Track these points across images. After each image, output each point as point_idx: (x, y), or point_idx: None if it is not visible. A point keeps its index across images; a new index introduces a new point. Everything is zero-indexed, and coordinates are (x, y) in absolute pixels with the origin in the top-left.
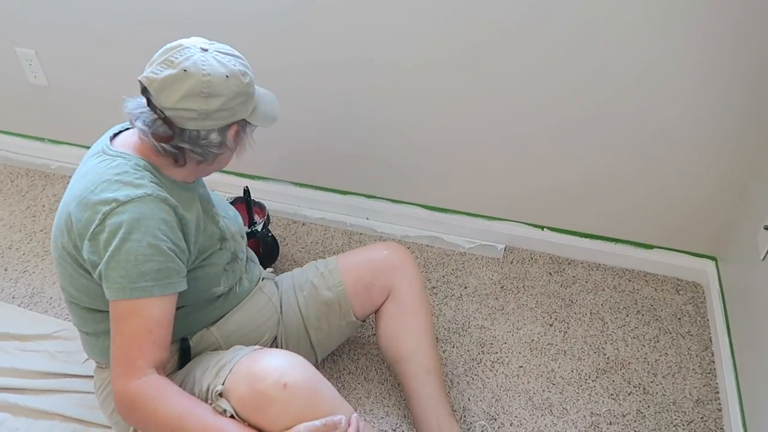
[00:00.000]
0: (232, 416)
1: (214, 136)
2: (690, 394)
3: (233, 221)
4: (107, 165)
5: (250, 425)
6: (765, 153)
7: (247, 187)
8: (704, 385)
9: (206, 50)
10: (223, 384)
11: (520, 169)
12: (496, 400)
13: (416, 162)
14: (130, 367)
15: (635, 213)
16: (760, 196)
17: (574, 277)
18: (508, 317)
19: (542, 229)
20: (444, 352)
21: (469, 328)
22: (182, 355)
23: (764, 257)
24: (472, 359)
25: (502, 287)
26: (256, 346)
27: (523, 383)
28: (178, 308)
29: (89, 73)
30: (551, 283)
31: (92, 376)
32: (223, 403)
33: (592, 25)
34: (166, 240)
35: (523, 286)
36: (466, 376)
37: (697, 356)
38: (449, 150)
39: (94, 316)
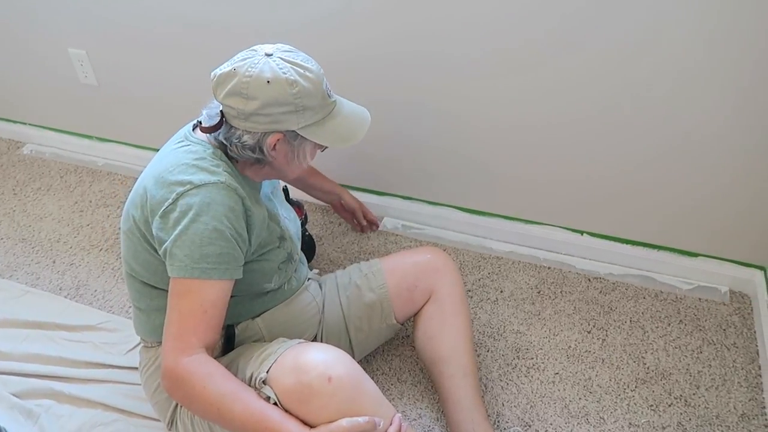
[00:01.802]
0: (275, 404)
1: (247, 138)
2: (734, 408)
3: (292, 223)
4: (187, 150)
5: (292, 416)
6: None
7: (286, 186)
8: (750, 400)
9: (270, 55)
10: (266, 373)
11: (558, 173)
12: (531, 406)
13: (453, 166)
14: (182, 343)
15: (679, 220)
16: None
17: (613, 284)
18: (545, 323)
19: (581, 234)
20: (478, 356)
21: (504, 332)
22: (227, 341)
23: None
24: (507, 364)
25: (538, 292)
26: (301, 340)
27: (558, 390)
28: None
29: (137, 74)
30: (590, 290)
31: (135, 368)
32: (267, 390)
33: (658, 25)
34: (230, 227)
35: (561, 292)
36: (501, 380)
37: (742, 369)
38: (496, 151)
39: (149, 292)
